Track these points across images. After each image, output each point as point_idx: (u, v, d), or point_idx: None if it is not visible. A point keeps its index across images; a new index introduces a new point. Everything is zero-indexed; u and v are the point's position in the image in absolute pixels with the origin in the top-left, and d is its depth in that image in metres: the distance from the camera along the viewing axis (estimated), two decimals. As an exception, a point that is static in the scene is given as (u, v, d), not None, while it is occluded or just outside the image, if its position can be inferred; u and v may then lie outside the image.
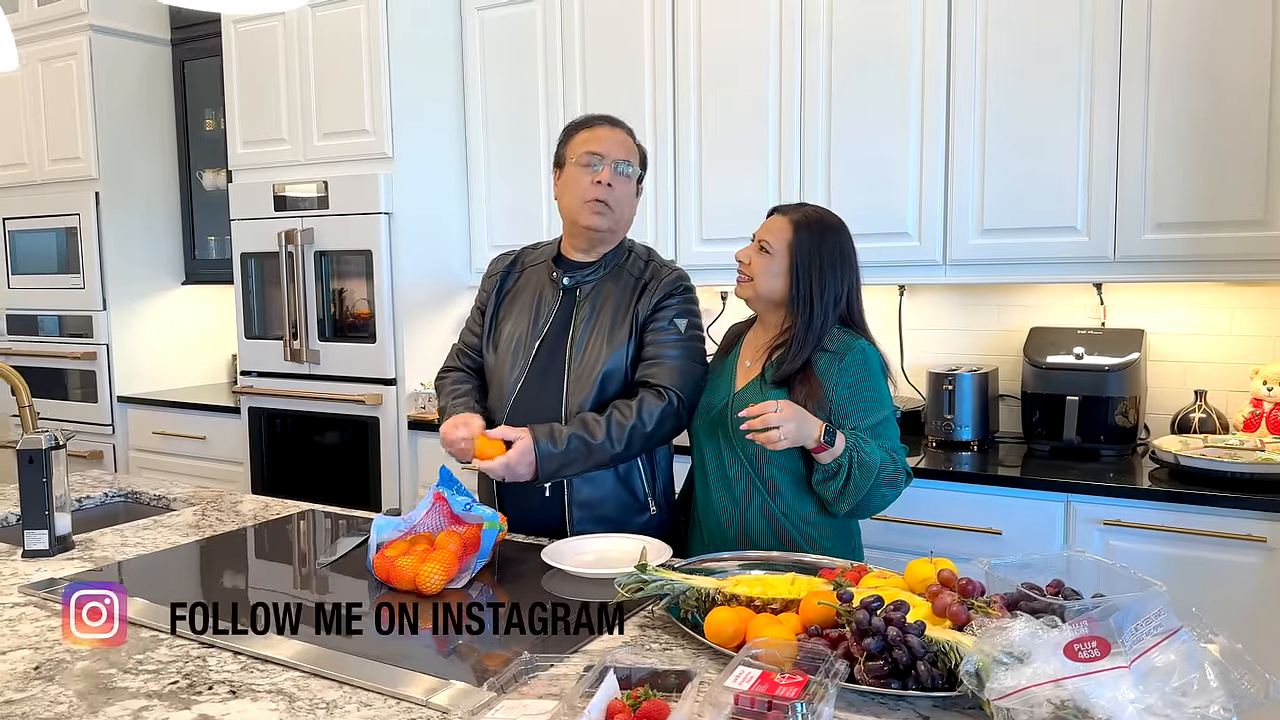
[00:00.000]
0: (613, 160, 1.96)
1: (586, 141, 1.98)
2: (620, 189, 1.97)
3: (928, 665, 1.19)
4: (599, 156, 1.96)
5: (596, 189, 1.94)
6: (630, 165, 1.99)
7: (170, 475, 4.07)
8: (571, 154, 2.00)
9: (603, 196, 1.95)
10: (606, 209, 1.96)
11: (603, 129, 2.00)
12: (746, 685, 1.07)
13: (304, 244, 3.52)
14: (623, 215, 2.01)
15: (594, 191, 1.94)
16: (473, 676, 1.29)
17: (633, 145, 2.04)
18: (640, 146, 2.07)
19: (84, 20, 4.04)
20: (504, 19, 3.52)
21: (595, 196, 1.95)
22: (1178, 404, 2.81)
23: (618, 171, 1.96)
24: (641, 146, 2.08)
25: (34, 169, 4.31)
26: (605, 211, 1.96)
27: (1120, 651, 0.98)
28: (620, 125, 2.05)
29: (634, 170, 2.00)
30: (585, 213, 1.97)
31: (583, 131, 2.01)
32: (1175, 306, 2.83)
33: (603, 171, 1.95)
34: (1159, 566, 2.32)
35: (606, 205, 1.96)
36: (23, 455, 1.87)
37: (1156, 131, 2.54)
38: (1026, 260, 2.73)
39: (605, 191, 1.94)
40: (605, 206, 1.96)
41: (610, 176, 1.95)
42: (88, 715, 1.21)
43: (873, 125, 2.89)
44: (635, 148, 2.04)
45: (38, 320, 4.39)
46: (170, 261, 4.42)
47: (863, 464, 1.77)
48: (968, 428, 2.86)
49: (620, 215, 2.00)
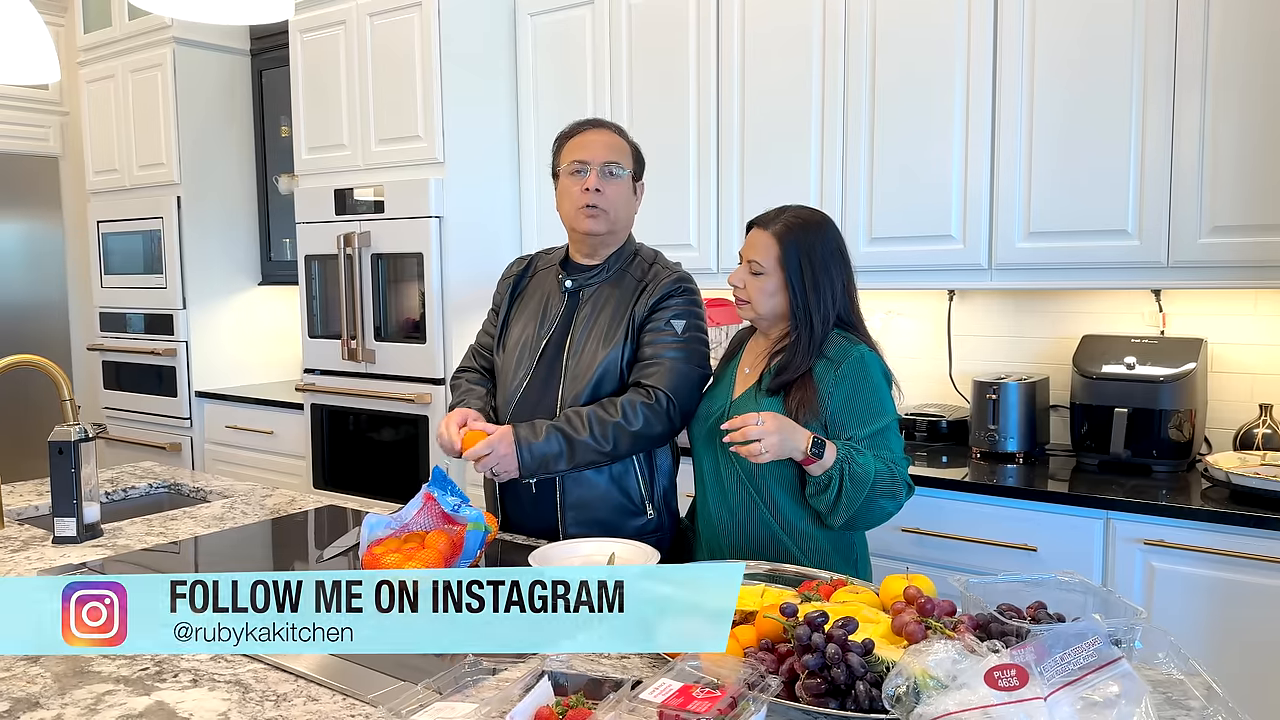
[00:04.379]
0: (599, 164, 1.96)
1: (573, 149, 2.00)
2: (611, 190, 1.97)
3: (868, 686, 1.15)
4: (584, 163, 1.97)
5: (586, 195, 1.96)
6: (619, 165, 1.99)
7: (239, 468, 4.26)
8: (562, 163, 2.02)
9: (593, 201, 1.96)
10: (599, 212, 1.97)
11: (587, 134, 2.01)
12: (661, 698, 1.06)
13: (361, 246, 3.62)
14: (618, 215, 2.00)
15: (584, 198, 1.96)
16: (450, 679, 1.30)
17: (621, 144, 2.03)
18: (632, 145, 2.06)
19: (168, 34, 4.25)
20: (555, 23, 3.55)
21: (586, 203, 1.96)
22: (1242, 418, 2.64)
23: (605, 174, 1.96)
24: (634, 145, 2.07)
25: (124, 174, 4.55)
26: (598, 215, 1.97)
27: (1037, 681, 0.93)
28: (605, 126, 2.05)
29: (623, 170, 2.00)
30: (580, 219, 1.98)
31: (570, 140, 2.02)
32: (1239, 314, 2.66)
33: (590, 177, 1.96)
34: (1204, 591, 2.19)
35: (599, 208, 1.96)
36: (53, 446, 1.97)
37: (1214, 130, 2.39)
38: (1075, 265, 2.61)
39: (595, 196, 1.95)
40: (598, 210, 1.96)
41: (597, 181, 1.95)
42: (55, 696, 1.27)
43: (916, 125, 2.81)
44: (625, 146, 2.03)
45: (126, 318, 4.64)
46: (247, 263, 4.61)
47: (855, 476, 1.72)
48: (1013, 439, 2.75)
49: (616, 215, 1.99)
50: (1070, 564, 2.31)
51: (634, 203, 2.05)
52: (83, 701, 1.26)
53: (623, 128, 2.11)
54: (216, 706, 1.24)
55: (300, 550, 1.95)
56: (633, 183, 2.04)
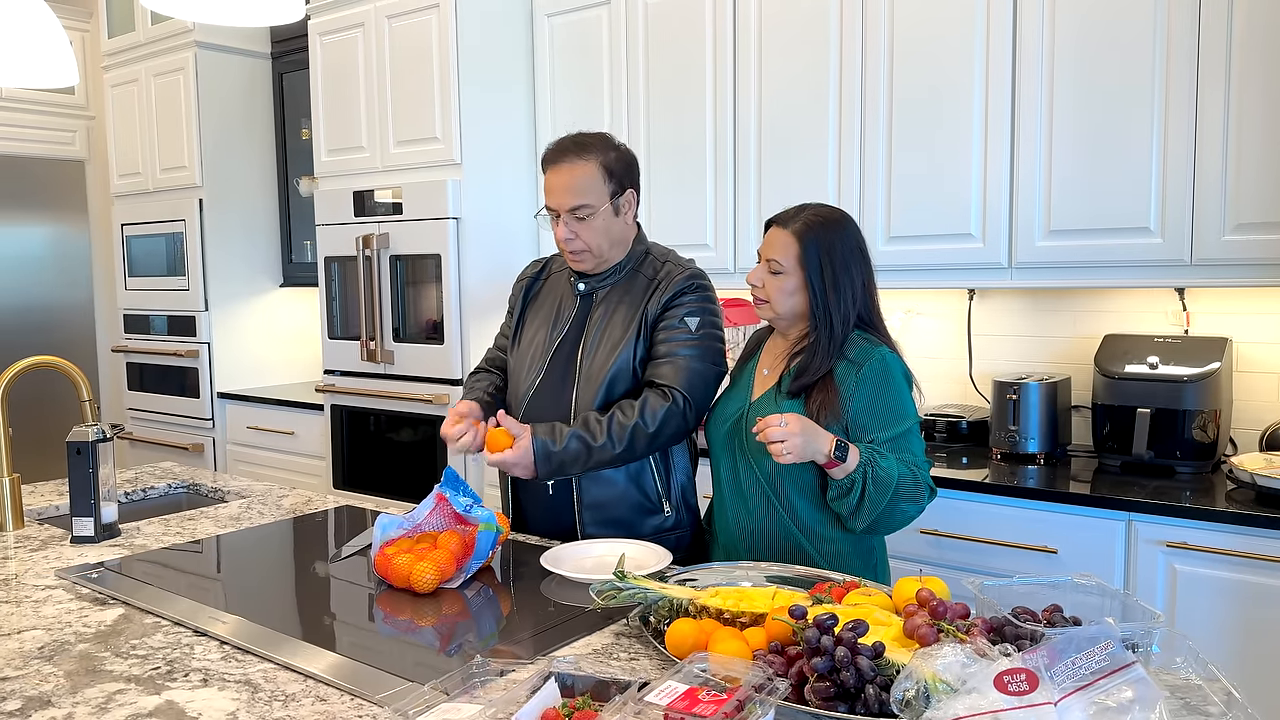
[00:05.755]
0: (566, 210, 1.93)
1: (546, 187, 1.98)
2: (585, 232, 1.94)
3: (877, 689, 1.13)
4: (552, 212, 1.96)
5: (564, 243, 1.97)
6: (584, 208, 1.92)
7: (260, 468, 4.29)
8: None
9: (570, 248, 1.97)
10: (580, 254, 1.98)
11: (554, 170, 1.94)
12: (667, 700, 1.05)
13: (380, 248, 3.64)
14: (601, 245, 1.97)
15: (563, 246, 1.98)
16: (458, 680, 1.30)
17: (586, 177, 1.92)
18: (604, 164, 1.94)
19: (190, 38, 4.28)
20: (572, 24, 3.55)
21: (565, 250, 1.99)
22: (1268, 418, 2.60)
23: (574, 218, 1.93)
24: (608, 160, 1.94)
25: (147, 177, 4.60)
26: (580, 257, 1.99)
27: (1048, 686, 0.91)
28: (569, 154, 1.93)
29: (589, 210, 1.92)
30: (567, 258, 2.02)
31: (545, 171, 1.98)
32: (1265, 313, 2.61)
33: (559, 228, 1.95)
34: (1228, 594, 2.16)
35: (577, 252, 1.98)
36: (71, 447, 1.99)
37: (1237, 125, 2.35)
38: (1096, 263, 2.58)
39: (570, 242, 1.96)
40: (576, 254, 1.98)
41: (564, 232, 1.95)
42: (66, 695, 1.28)
43: (934, 121, 2.78)
44: (592, 174, 1.92)
45: (149, 320, 4.68)
46: (268, 264, 4.64)
47: (878, 480, 1.70)
48: (1034, 440, 2.71)
49: (599, 247, 1.97)
50: (1091, 566, 2.29)
51: (621, 221, 1.99)
52: (94, 700, 1.26)
53: (594, 142, 1.97)
54: (226, 706, 1.24)
55: (317, 551, 1.95)
56: (613, 203, 1.96)
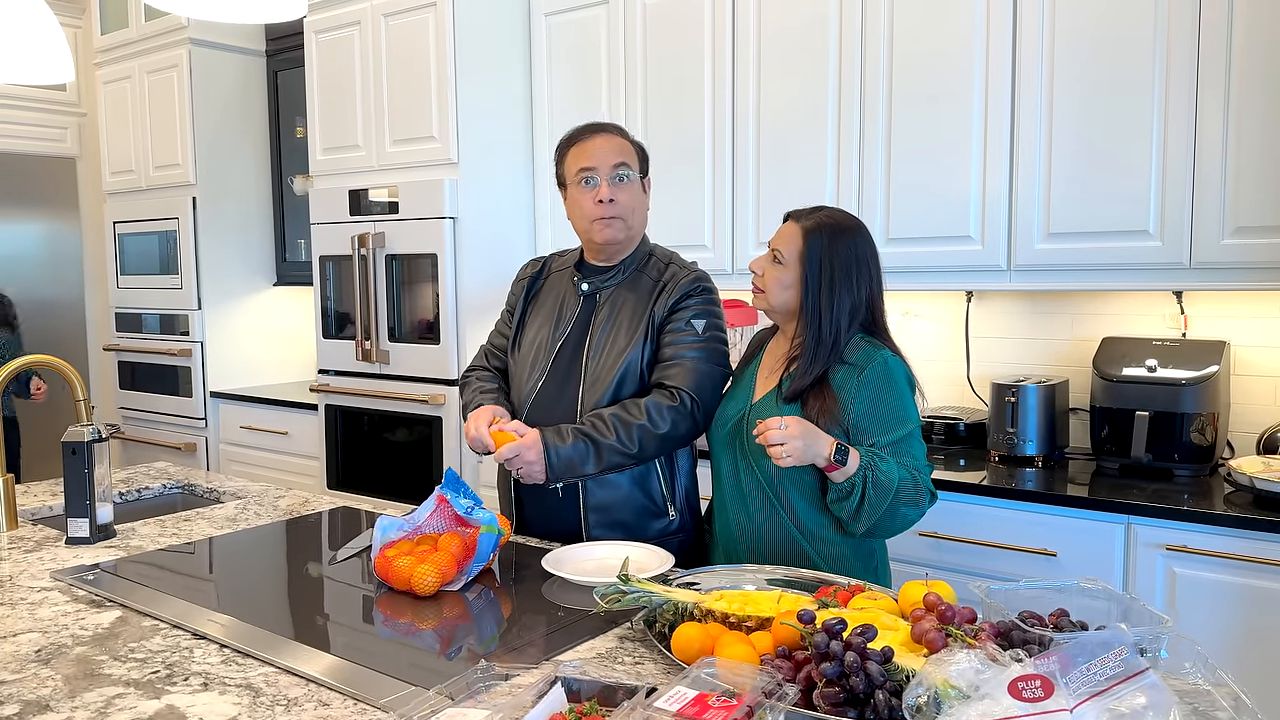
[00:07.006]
0: (607, 169, 1.93)
1: (577, 157, 1.96)
2: (623, 196, 1.95)
3: (887, 695, 1.12)
4: (592, 171, 1.94)
5: (600, 207, 1.93)
6: (626, 167, 1.96)
7: (254, 468, 4.26)
8: (568, 173, 1.99)
9: (607, 212, 1.93)
10: (615, 220, 1.95)
11: (590, 140, 1.97)
12: (676, 706, 1.04)
13: (375, 247, 3.62)
14: (634, 219, 1.98)
15: (598, 210, 1.94)
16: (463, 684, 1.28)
17: (626, 144, 1.99)
18: (636, 144, 2.02)
19: (184, 35, 4.26)
20: (570, 23, 3.54)
21: (600, 215, 1.94)
22: (1266, 422, 2.60)
23: (615, 179, 1.94)
24: (637, 144, 2.03)
25: (140, 175, 4.57)
26: (614, 223, 1.95)
27: (1063, 692, 0.90)
28: (606, 129, 2.00)
29: (631, 171, 1.97)
30: (596, 229, 1.96)
31: (573, 148, 1.98)
32: (1263, 316, 2.62)
33: (600, 187, 1.93)
34: (1227, 597, 2.16)
35: (614, 217, 1.94)
36: (66, 447, 1.97)
37: (1236, 129, 2.35)
38: (1095, 266, 2.58)
39: (609, 206, 1.93)
40: (613, 218, 1.94)
41: (608, 191, 1.93)
42: (65, 699, 1.26)
43: (934, 123, 2.78)
44: (630, 146, 2.00)
45: (141, 318, 4.65)
46: (262, 263, 4.61)
47: (878, 484, 1.69)
48: (1032, 442, 2.71)
49: (631, 220, 1.97)
50: (1090, 569, 2.29)
51: (645, 202, 2.02)
52: (93, 704, 1.25)
53: (623, 127, 2.07)
54: (227, 711, 1.23)
55: (314, 552, 1.94)
56: (641, 181, 2.01)
